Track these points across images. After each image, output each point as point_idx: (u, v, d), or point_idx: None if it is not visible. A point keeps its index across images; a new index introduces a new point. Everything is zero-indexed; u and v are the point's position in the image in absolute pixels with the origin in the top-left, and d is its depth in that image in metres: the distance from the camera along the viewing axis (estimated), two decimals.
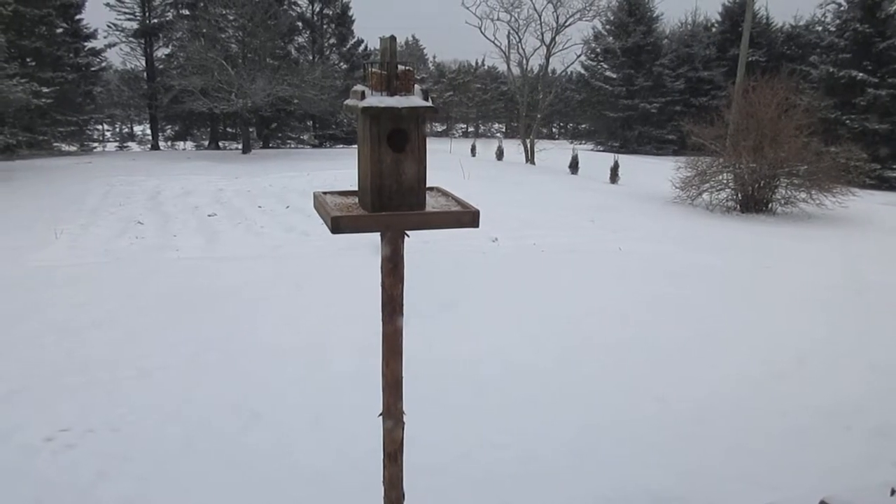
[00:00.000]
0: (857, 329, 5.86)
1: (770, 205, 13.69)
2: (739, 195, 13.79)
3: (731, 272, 8.01)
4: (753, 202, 13.58)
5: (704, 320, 6.00)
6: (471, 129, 58.41)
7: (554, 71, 32.03)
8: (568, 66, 30.67)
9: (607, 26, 38.34)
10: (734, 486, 3.32)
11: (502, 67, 37.81)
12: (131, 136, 39.93)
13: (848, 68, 24.55)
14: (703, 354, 5.14)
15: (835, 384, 4.58)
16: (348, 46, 35.49)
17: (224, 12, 24.98)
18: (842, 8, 26.58)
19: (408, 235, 1.87)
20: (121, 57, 31.58)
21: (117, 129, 41.71)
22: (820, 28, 31.66)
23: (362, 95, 1.72)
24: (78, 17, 27.17)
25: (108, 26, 30.46)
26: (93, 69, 28.53)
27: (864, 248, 10.17)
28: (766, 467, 3.48)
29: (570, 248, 8.96)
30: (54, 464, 3.37)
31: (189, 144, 34.05)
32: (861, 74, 24.15)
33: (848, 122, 23.65)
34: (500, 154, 25.65)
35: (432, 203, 1.92)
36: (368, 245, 7.66)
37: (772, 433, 3.86)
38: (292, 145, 33.91)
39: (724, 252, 9.28)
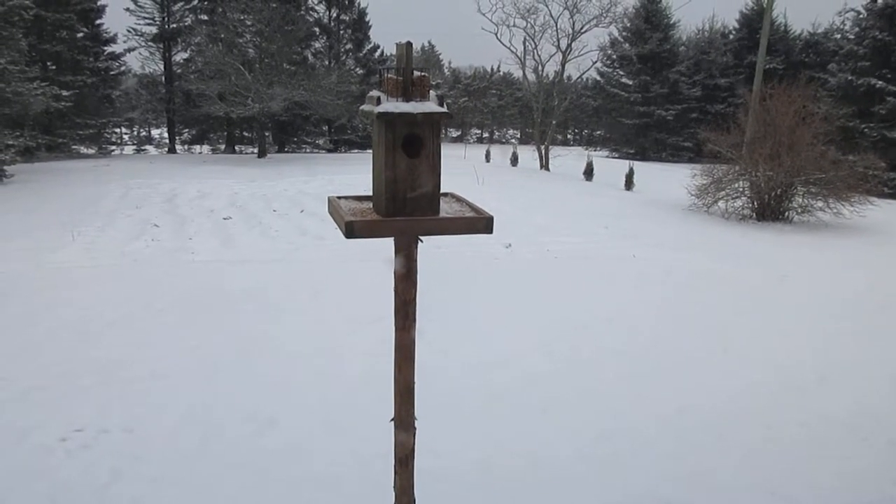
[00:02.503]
0: (877, 340, 5.78)
1: (786, 213, 13.57)
2: (755, 203, 13.68)
3: (747, 281, 7.94)
4: (770, 210, 13.47)
5: (720, 329, 5.95)
6: (485, 134, 58.45)
7: (569, 77, 32.05)
8: (584, 73, 30.65)
9: (623, 33, 38.28)
10: (750, 496, 3.29)
11: (518, 73, 37.84)
12: (149, 140, 40.34)
13: (867, 76, 24.30)
14: (718, 363, 5.10)
15: (853, 396, 4.52)
16: (364, 52, 35.72)
17: (242, 17, 25.19)
18: (861, 16, 26.35)
19: (421, 241, 1.87)
20: (140, 61, 31.99)
21: (135, 133, 42.18)
22: (839, 36, 31.39)
23: (378, 101, 1.72)
24: (98, 21, 27.58)
25: (128, 31, 30.94)
26: (112, 73, 28.93)
27: (884, 259, 10.05)
28: (782, 477, 3.44)
29: (584, 255, 8.93)
30: (69, 464, 3.40)
31: (205, 148, 34.40)
32: (880, 83, 23.90)
33: (867, 130, 23.41)
34: (514, 160, 25.64)
35: (446, 209, 1.92)
36: (382, 250, 7.66)
37: (788, 443, 3.81)
38: (308, 150, 34.12)
39: (741, 260, 9.21)
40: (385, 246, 1.94)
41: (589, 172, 20.25)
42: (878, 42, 24.64)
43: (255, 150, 27.97)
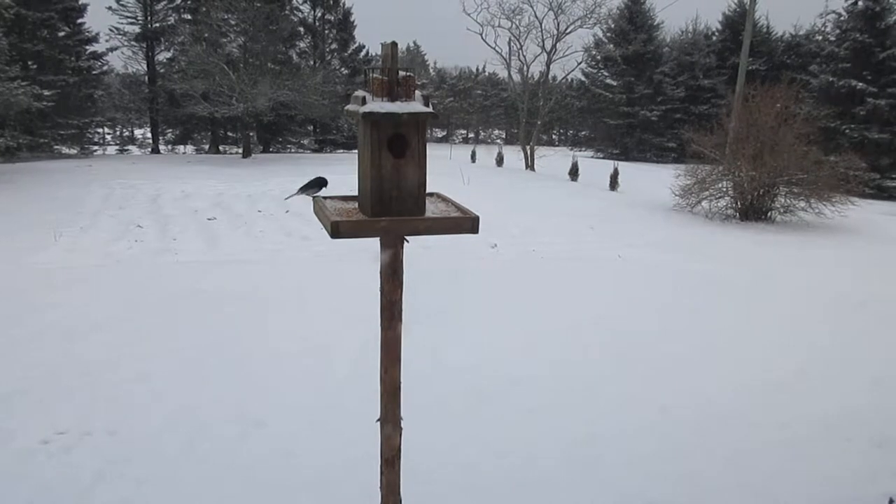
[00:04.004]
0: (858, 340, 5.84)
1: (769, 213, 13.70)
2: (739, 203, 13.80)
3: (730, 280, 8.01)
4: (752, 210, 13.60)
5: (703, 329, 5.99)
6: (471, 135, 58.54)
7: (554, 78, 32.13)
8: (568, 73, 30.73)
9: (608, 34, 38.44)
10: (733, 496, 3.31)
11: (503, 74, 37.90)
12: (132, 140, 40.00)
13: (848, 78, 24.61)
14: (702, 363, 5.13)
15: (835, 396, 4.56)
16: (349, 52, 35.62)
17: (226, 17, 25.01)
18: (842, 18, 26.67)
19: (407, 241, 1.87)
20: (122, 61, 31.71)
21: (118, 133, 41.80)
22: (820, 37, 31.77)
23: (363, 101, 1.72)
24: (80, 20, 27.26)
25: (110, 30, 30.60)
26: (94, 73, 28.60)
27: (864, 258, 10.17)
28: (765, 478, 3.47)
29: (570, 256, 8.96)
30: (51, 467, 3.36)
31: (189, 148, 34.14)
32: (861, 84, 24.21)
33: (847, 131, 23.70)
34: (500, 160, 25.69)
35: (432, 209, 1.92)
36: (368, 250, 7.66)
37: (771, 444, 3.84)
38: (293, 150, 33.98)
39: (724, 260, 9.28)
40: (371, 246, 1.93)
41: (574, 173, 20.33)
42: (858, 44, 24.96)
43: (240, 151, 27.79)
